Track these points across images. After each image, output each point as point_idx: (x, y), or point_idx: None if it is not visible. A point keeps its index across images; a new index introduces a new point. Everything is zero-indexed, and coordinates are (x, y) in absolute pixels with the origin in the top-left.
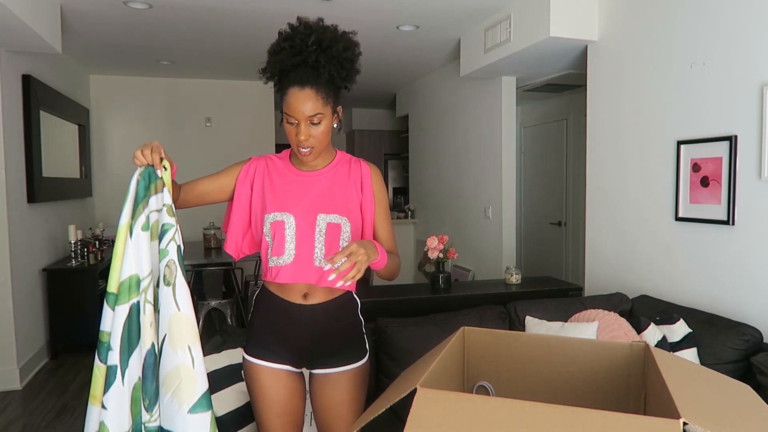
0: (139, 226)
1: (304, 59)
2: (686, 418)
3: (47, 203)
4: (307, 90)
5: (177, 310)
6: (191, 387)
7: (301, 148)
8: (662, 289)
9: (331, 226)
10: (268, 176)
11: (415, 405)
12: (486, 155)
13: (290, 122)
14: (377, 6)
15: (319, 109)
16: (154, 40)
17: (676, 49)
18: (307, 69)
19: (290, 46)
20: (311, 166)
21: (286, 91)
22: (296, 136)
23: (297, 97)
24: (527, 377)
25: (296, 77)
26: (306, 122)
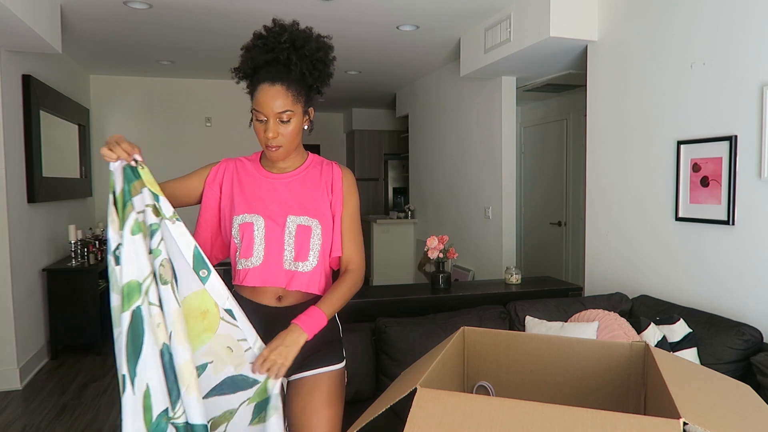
0: (129, 230)
1: (276, 56)
2: (686, 418)
3: (47, 203)
4: (277, 86)
5: (178, 306)
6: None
7: (270, 147)
8: (662, 289)
9: (301, 228)
10: (237, 178)
11: (415, 405)
12: (486, 155)
13: (259, 119)
14: (377, 6)
15: (288, 106)
16: (154, 40)
17: (676, 49)
18: (278, 66)
19: (263, 43)
20: (281, 168)
21: (256, 88)
22: (264, 133)
23: (267, 93)
24: (527, 377)
25: (267, 74)
26: (275, 119)
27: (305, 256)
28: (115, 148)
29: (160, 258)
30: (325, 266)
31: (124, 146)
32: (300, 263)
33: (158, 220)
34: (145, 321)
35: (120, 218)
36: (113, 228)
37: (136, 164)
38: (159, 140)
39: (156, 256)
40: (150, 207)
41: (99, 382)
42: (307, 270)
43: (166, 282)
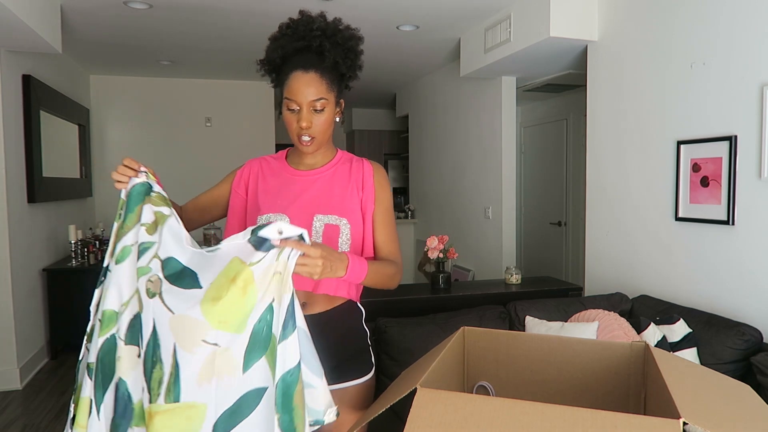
0: (114, 259)
1: (308, 44)
2: (686, 418)
3: (47, 203)
4: (311, 73)
5: (171, 314)
6: (233, 363)
7: (302, 137)
8: (662, 289)
9: (329, 227)
10: (262, 177)
11: (415, 405)
12: (486, 155)
13: (291, 108)
14: (377, 6)
15: (323, 93)
16: (154, 40)
17: (676, 49)
18: (310, 54)
19: (293, 32)
20: (309, 165)
21: (288, 76)
22: (297, 123)
23: (300, 80)
24: (527, 377)
25: (299, 61)
26: (308, 108)
27: None
28: (121, 169)
29: (149, 275)
30: None
31: (127, 163)
32: None
33: (155, 236)
34: (118, 349)
35: (113, 245)
36: (108, 252)
37: (146, 175)
38: (159, 140)
39: (143, 274)
40: (145, 226)
41: None
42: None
43: (153, 294)
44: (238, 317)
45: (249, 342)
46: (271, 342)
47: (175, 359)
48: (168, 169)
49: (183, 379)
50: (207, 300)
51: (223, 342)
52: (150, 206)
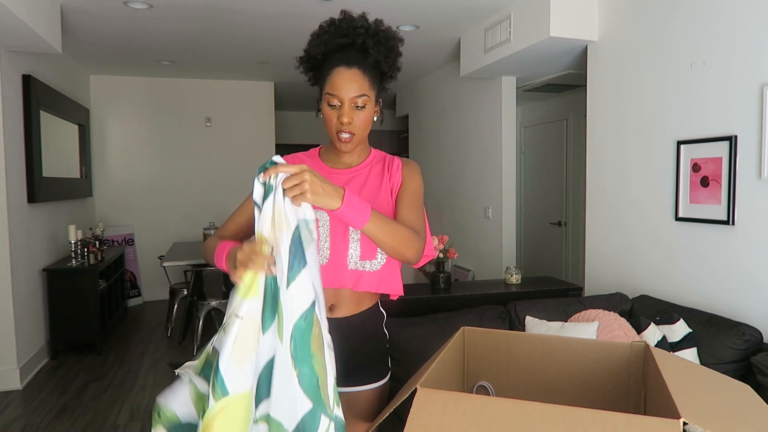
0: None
1: (352, 41)
2: (686, 418)
3: (47, 203)
4: (354, 69)
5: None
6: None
7: (342, 134)
8: (662, 289)
9: None
10: None
11: (415, 405)
12: (486, 155)
13: (332, 104)
14: (377, 6)
15: (365, 90)
16: (154, 40)
17: (676, 49)
18: (353, 51)
19: (335, 29)
20: (346, 163)
21: (330, 72)
22: (338, 119)
23: (343, 75)
24: (527, 377)
25: (342, 57)
26: (350, 104)
27: (372, 254)
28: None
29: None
30: (395, 265)
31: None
32: (367, 262)
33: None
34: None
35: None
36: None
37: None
38: (159, 140)
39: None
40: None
41: (99, 382)
42: (375, 269)
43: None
44: (250, 278)
45: (263, 302)
46: (268, 298)
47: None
48: (168, 169)
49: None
50: None
51: (242, 311)
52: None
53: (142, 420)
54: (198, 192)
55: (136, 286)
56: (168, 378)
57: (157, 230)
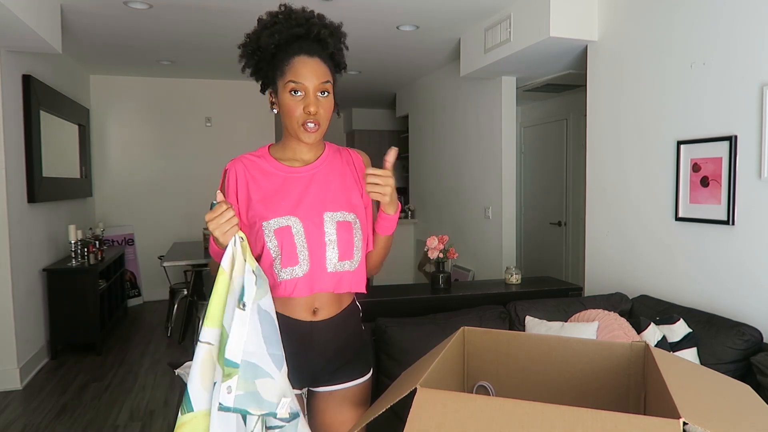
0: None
1: (308, 31)
2: (686, 418)
3: (47, 203)
4: (315, 58)
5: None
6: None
7: (309, 123)
8: (662, 289)
9: (341, 224)
10: (252, 179)
11: (415, 405)
12: (486, 155)
13: (296, 92)
14: (377, 6)
15: (328, 76)
16: (154, 40)
17: (676, 49)
18: (309, 41)
19: (287, 20)
20: (303, 160)
21: (289, 62)
22: (305, 108)
23: (306, 63)
24: (527, 377)
25: (302, 47)
26: (315, 92)
27: (350, 254)
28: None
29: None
30: (364, 262)
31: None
32: (346, 262)
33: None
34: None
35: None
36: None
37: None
38: (159, 140)
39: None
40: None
41: (99, 382)
42: (353, 269)
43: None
44: (215, 311)
45: (220, 334)
46: (222, 336)
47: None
48: (168, 169)
49: (190, 388)
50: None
51: (213, 339)
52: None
53: (142, 420)
54: (198, 192)
55: (136, 286)
56: (168, 378)
57: (157, 230)
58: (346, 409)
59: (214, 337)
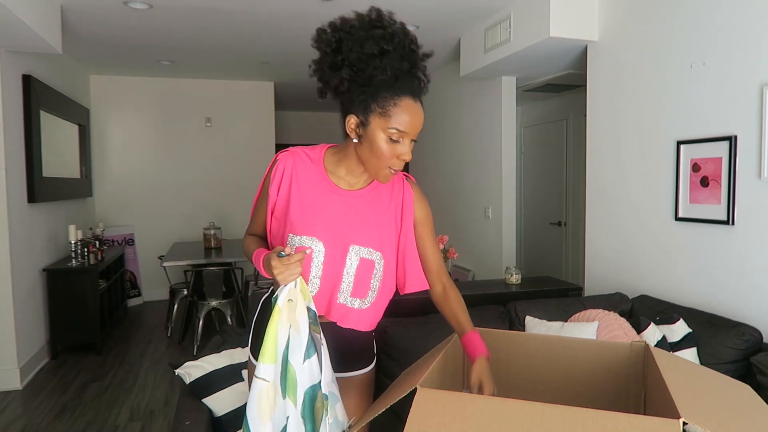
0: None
1: (412, 67)
2: (686, 418)
3: (47, 203)
4: (419, 104)
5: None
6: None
7: (394, 168)
8: (662, 289)
9: (364, 262)
10: (297, 181)
11: (415, 405)
12: (486, 155)
13: (395, 139)
14: (377, 6)
15: (423, 124)
16: (154, 40)
17: (676, 49)
18: (412, 79)
19: (394, 48)
20: (350, 183)
21: (395, 102)
22: (400, 155)
23: (413, 110)
24: (527, 377)
25: (407, 87)
26: (411, 140)
27: (364, 293)
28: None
29: None
30: (382, 304)
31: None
32: (357, 300)
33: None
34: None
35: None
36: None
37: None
38: (159, 140)
39: None
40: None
41: (99, 382)
42: (363, 307)
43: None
44: (270, 348)
45: (281, 370)
46: (288, 367)
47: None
48: (168, 169)
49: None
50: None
51: (269, 375)
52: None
53: (142, 420)
54: (198, 192)
55: (136, 286)
56: (168, 378)
57: (157, 230)
58: (352, 395)
59: (270, 373)
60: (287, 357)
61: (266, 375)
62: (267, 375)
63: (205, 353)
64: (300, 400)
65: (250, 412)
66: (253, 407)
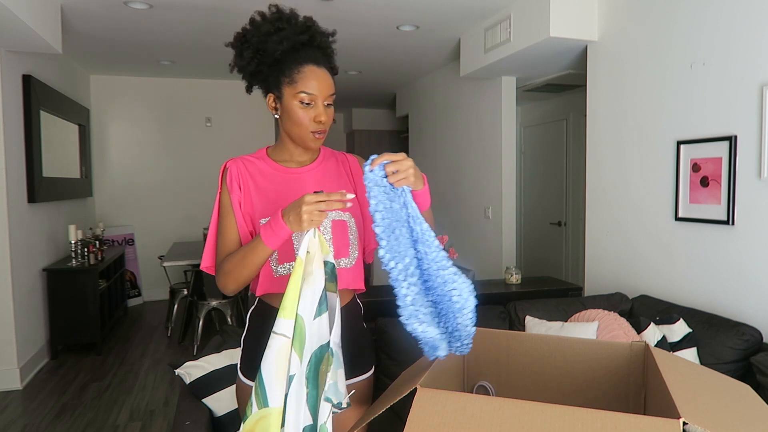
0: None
1: (311, 38)
2: (686, 418)
3: (47, 203)
4: (323, 69)
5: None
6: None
7: (318, 133)
8: (662, 289)
9: (336, 223)
10: (251, 178)
11: (415, 405)
12: (486, 155)
13: (306, 103)
14: (377, 6)
15: (333, 88)
16: (154, 40)
17: (676, 49)
18: (313, 49)
19: (290, 26)
20: (299, 162)
21: (299, 70)
22: (315, 117)
23: (317, 74)
24: (527, 377)
25: (309, 56)
26: (323, 102)
27: (345, 251)
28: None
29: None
30: (361, 260)
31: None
32: (342, 260)
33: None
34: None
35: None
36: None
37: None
38: (159, 140)
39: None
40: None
41: (99, 382)
42: (350, 266)
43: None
44: (291, 303)
45: (294, 325)
46: (298, 323)
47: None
48: (168, 169)
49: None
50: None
51: (288, 331)
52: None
53: (142, 420)
54: (198, 192)
55: (136, 286)
56: (168, 378)
57: (157, 230)
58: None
59: (289, 328)
60: (297, 310)
61: (286, 331)
62: (287, 331)
63: (205, 353)
64: (306, 360)
65: (266, 369)
66: (270, 364)
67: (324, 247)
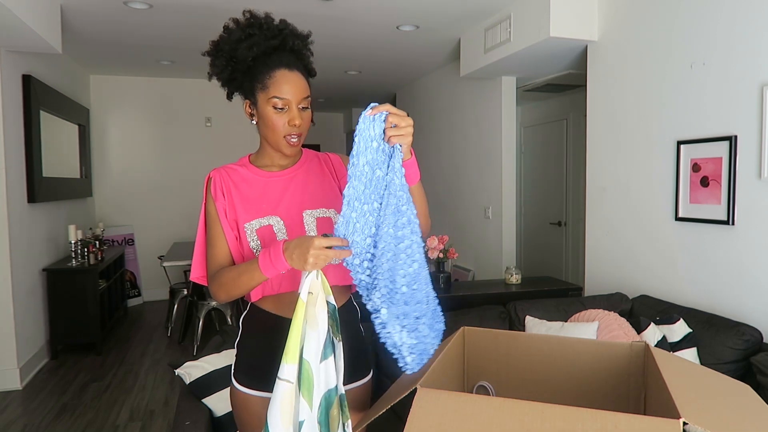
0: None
1: (282, 42)
2: (686, 418)
3: (47, 203)
4: (295, 72)
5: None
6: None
7: (292, 137)
8: (662, 289)
9: (321, 220)
10: (234, 185)
11: (415, 405)
12: (486, 155)
13: (280, 108)
14: (377, 6)
15: (308, 91)
16: (154, 40)
17: (676, 49)
18: (286, 53)
19: (261, 31)
20: (282, 165)
21: (270, 75)
22: (288, 122)
23: (289, 78)
24: (527, 377)
25: (281, 60)
26: (297, 106)
27: None
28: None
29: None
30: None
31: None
32: None
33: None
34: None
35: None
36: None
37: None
38: (159, 140)
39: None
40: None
41: (99, 382)
42: (337, 262)
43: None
44: (294, 346)
45: (299, 369)
46: (304, 367)
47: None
48: (168, 169)
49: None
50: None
51: (292, 377)
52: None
53: (142, 420)
54: (198, 192)
55: (136, 286)
56: (168, 378)
57: (157, 230)
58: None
59: (293, 374)
60: (302, 354)
61: (289, 376)
62: (290, 376)
63: (205, 353)
64: (316, 405)
65: (272, 416)
66: (275, 410)
67: (326, 288)
